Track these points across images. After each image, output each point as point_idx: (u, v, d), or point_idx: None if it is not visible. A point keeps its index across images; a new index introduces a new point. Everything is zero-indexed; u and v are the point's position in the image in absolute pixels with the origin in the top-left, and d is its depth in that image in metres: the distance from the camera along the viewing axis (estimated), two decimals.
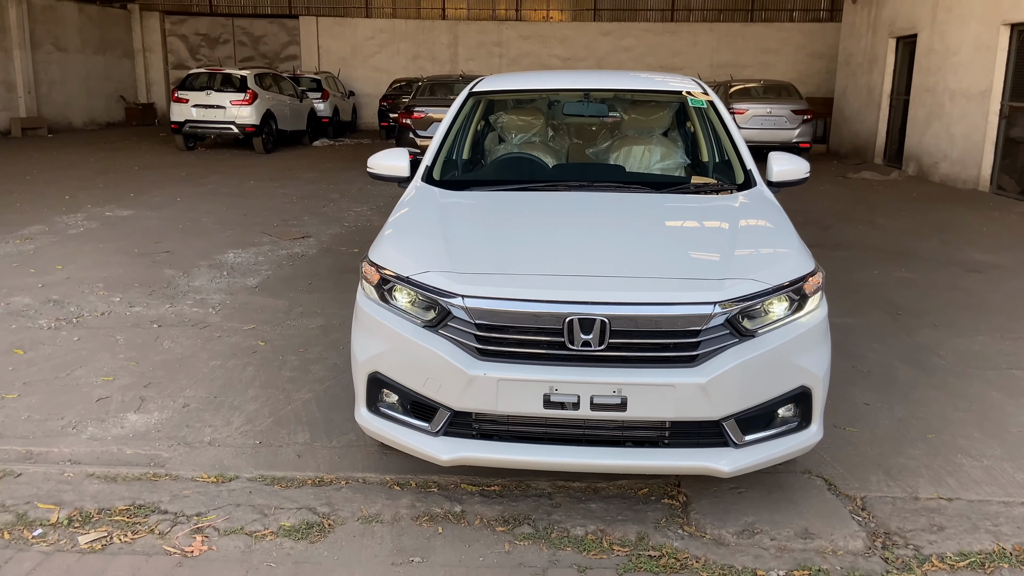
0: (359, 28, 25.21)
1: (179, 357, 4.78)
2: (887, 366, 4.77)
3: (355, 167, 14.49)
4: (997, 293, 6.48)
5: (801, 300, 2.93)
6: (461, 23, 25.00)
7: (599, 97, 4.62)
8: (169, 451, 3.60)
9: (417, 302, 2.94)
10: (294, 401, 4.16)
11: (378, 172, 4.07)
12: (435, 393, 2.87)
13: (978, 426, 3.94)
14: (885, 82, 15.80)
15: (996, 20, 11.52)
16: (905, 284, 6.75)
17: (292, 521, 3.05)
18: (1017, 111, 11.28)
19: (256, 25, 25.87)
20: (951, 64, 12.90)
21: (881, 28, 15.98)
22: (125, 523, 3.01)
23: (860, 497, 3.26)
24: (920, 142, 13.96)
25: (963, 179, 12.44)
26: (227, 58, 25.36)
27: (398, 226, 3.41)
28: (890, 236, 8.84)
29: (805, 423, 2.97)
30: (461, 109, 4.36)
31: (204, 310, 5.72)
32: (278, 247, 7.82)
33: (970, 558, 2.84)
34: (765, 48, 24.04)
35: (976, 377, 4.62)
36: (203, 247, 7.73)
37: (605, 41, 24.55)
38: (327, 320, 5.51)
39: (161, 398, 4.18)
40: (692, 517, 3.09)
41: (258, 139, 16.31)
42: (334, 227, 8.90)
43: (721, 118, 4.21)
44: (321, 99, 20.39)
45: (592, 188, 3.81)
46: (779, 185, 3.89)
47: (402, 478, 3.37)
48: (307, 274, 6.82)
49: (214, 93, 16.20)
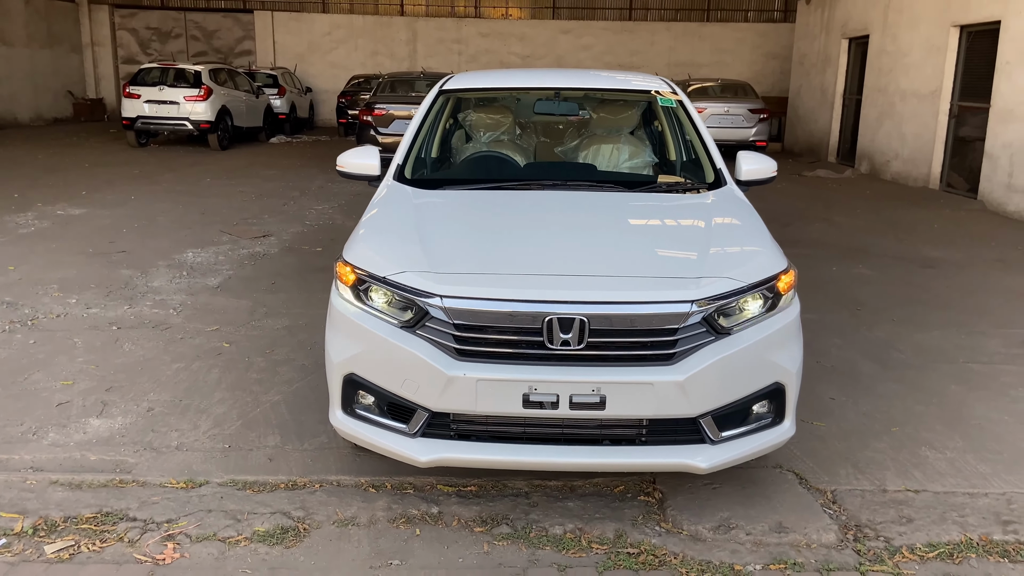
0: (316, 23, 24.90)
1: (141, 360, 4.66)
2: (850, 361, 4.87)
3: (314, 164, 14.32)
4: (951, 288, 6.66)
5: (775, 298, 2.97)
6: (420, 19, 24.86)
7: (570, 96, 4.63)
8: (135, 456, 3.51)
9: (394, 302, 2.91)
10: (263, 403, 4.09)
11: (348, 171, 4.01)
12: (413, 394, 2.84)
13: (940, 419, 4.05)
14: (838, 82, 16.13)
15: (946, 22, 11.83)
16: (863, 280, 6.89)
17: (266, 526, 3.00)
18: (966, 111, 11.61)
19: (209, 19, 25.37)
20: (902, 65, 13.21)
21: (834, 29, 16.30)
22: (93, 531, 2.93)
23: (830, 491, 3.32)
24: (872, 141, 14.28)
25: (914, 177, 12.76)
26: (179, 53, 24.84)
27: (372, 226, 3.37)
28: (846, 233, 9.03)
29: (779, 419, 3.01)
30: (432, 107, 4.33)
31: (165, 311, 5.60)
32: (239, 246, 7.68)
33: (939, 549, 2.91)
34: (721, 48, 24.36)
35: (935, 371, 4.73)
36: (160, 246, 7.56)
37: (564, 39, 24.63)
38: (292, 321, 5.43)
39: (124, 402, 4.07)
40: (669, 513, 3.11)
41: (213, 136, 16.01)
42: (295, 225, 8.77)
43: (691, 117, 4.25)
44: (278, 95, 20.09)
45: (565, 187, 3.81)
46: (748, 184, 3.94)
47: (377, 480, 3.33)
48: (270, 274, 6.71)
49: (167, 88, 15.86)
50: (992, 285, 6.78)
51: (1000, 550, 2.91)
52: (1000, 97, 10.41)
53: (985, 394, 4.38)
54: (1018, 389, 4.45)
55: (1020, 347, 5.17)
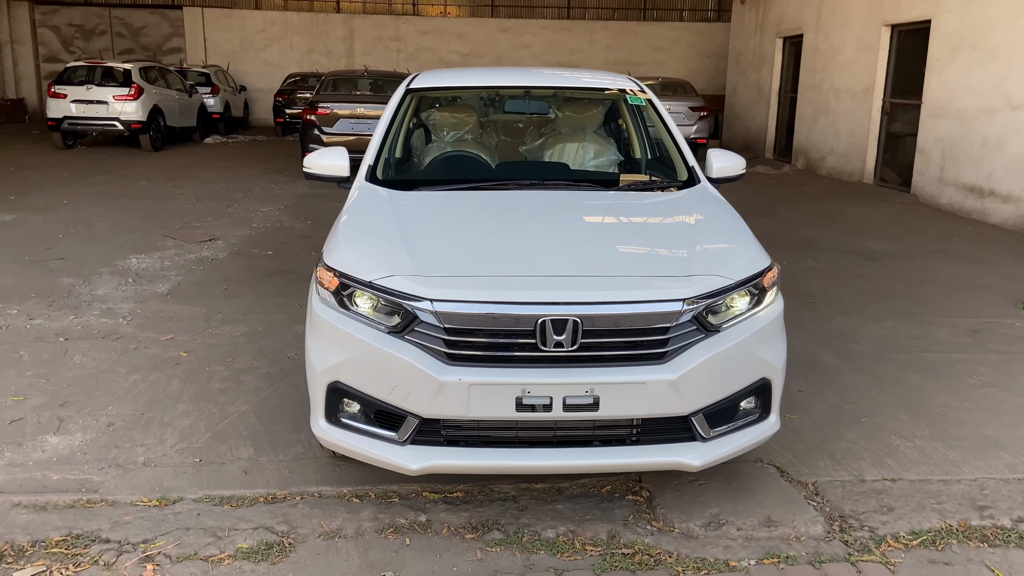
0: (249, 20, 24.30)
1: (94, 372, 4.45)
2: (811, 353, 4.97)
3: (255, 165, 13.97)
4: (896, 280, 6.87)
5: (760, 294, 3.00)
6: (357, 16, 24.51)
7: (540, 95, 4.60)
8: (100, 474, 3.34)
9: (380, 307, 2.83)
10: (230, 414, 3.95)
11: (316, 172, 3.89)
12: (403, 401, 2.77)
13: (904, 408, 4.16)
14: (774, 80, 16.52)
15: (877, 21, 12.22)
16: (813, 273, 7.06)
17: (249, 542, 2.89)
18: (898, 107, 12.02)
19: (136, 15, 24.52)
20: (836, 63, 13.61)
21: (769, 28, 16.69)
22: (64, 555, 2.77)
23: (812, 483, 3.38)
24: (808, 137, 14.67)
25: (849, 172, 13.16)
26: (104, 50, 23.90)
27: (352, 229, 3.28)
28: (792, 227, 9.25)
29: (765, 414, 3.04)
30: (400, 106, 4.24)
31: (114, 320, 5.36)
32: (184, 251, 7.42)
33: (921, 536, 2.98)
34: (658, 46, 24.71)
35: (893, 361, 4.87)
36: (101, 252, 7.25)
37: (503, 38, 24.62)
38: (251, 327, 5.26)
39: (81, 417, 3.88)
40: (659, 512, 3.12)
41: (145, 136, 15.46)
42: (242, 228, 8.53)
43: (660, 116, 4.26)
44: (211, 94, 19.54)
45: (543, 186, 3.78)
46: (719, 181, 3.98)
47: (360, 489, 3.25)
48: (221, 279, 6.50)
49: (95, 87, 15.24)
50: (935, 276, 7.03)
51: (979, 535, 3.00)
52: (931, 93, 10.81)
53: (943, 383, 4.52)
54: (973, 377, 4.61)
55: (968, 336, 5.37)
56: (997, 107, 9.48)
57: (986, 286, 6.67)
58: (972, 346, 5.17)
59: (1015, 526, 3.06)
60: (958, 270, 7.24)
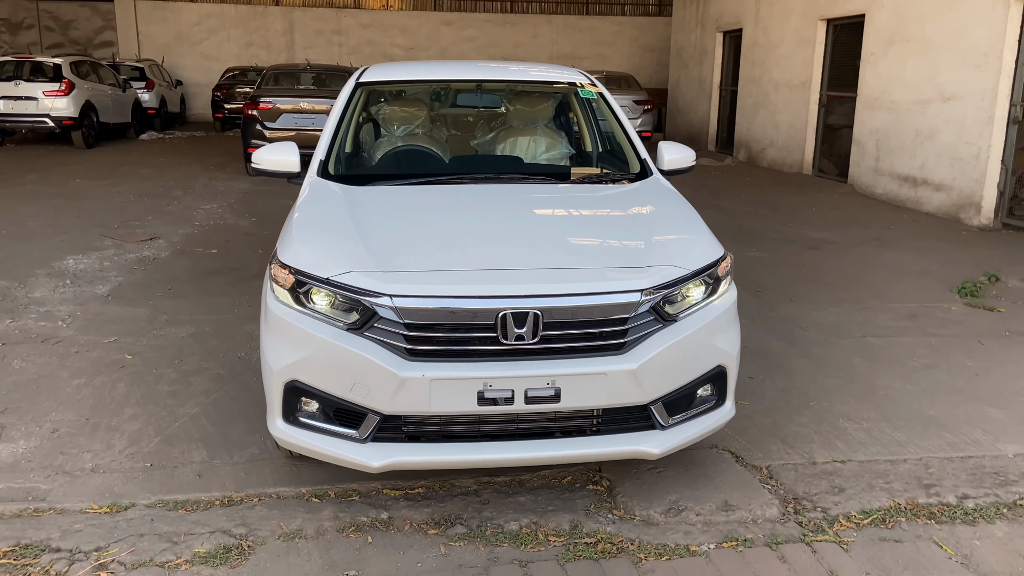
0: (183, 13, 23.68)
1: (35, 378, 4.30)
2: (760, 340, 5.08)
3: (194, 161, 13.64)
4: (837, 268, 7.07)
5: (715, 284, 3.05)
6: (296, 9, 24.09)
7: (491, 88, 4.58)
8: (47, 482, 3.23)
9: (337, 304, 2.80)
10: (180, 417, 3.85)
11: (265, 167, 3.81)
12: (363, 398, 2.74)
13: (850, 392, 4.29)
14: (715, 74, 16.80)
15: (814, 15, 12.52)
16: (758, 263, 7.21)
17: (207, 547, 2.82)
18: (834, 100, 12.34)
19: (64, 8, 23.70)
20: (774, 57, 13.90)
21: (709, 23, 16.96)
22: (13, 566, 2.67)
23: (765, 466, 3.46)
24: (749, 130, 14.97)
25: (789, 163, 13.47)
26: (32, 45, 23.06)
27: (306, 225, 3.23)
28: (735, 218, 9.43)
29: (721, 401, 3.10)
30: (350, 100, 4.18)
31: (53, 323, 5.18)
32: (124, 251, 7.21)
33: (872, 515, 3.08)
34: (601, 40, 24.90)
35: (837, 346, 5.01)
36: (35, 254, 6.99)
37: (447, 31, 24.50)
38: (198, 327, 5.14)
39: (24, 424, 3.74)
40: (619, 501, 3.15)
41: (77, 133, 14.95)
42: (184, 227, 8.32)
43: (612, 109, 4.29)
44: (146, 89, 19.00)
45: (498, 180, 3.77)
46: (670, 173, 4.03)
47: (319, 489, 3.21)
48: (164, 279, 6.33)
49: (24, 83, 14.67)
50: (873, 263, 7.25)
51: (926, 512, 3.11)
52: (866, 86, 11.13)
53: (885, 366, 4.67)
54: (914, 359, 4.78)
55: (907, 320, 5.56)
56: (929, 99, 9.80)
57: (923, 272, 6.90)
58: (911, 330, 5.35)
59: (960, 503, 3.18)
60: (896, 257, 7.48)
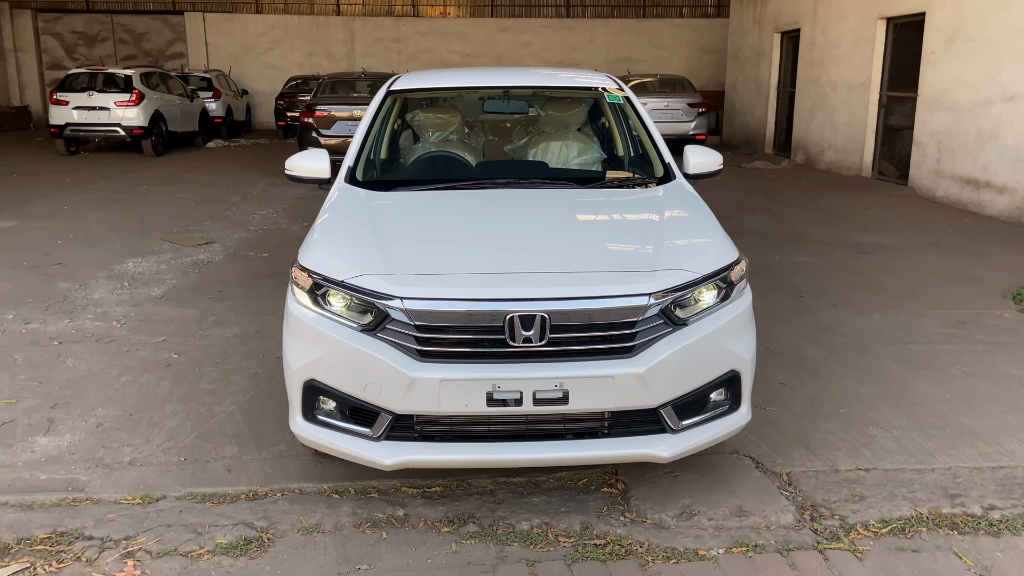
0: (249, 24, 24.44)
1: (86, 375, 4.53)
2: (796, 346, 5.01)
3: (255, 168, 14.07)
4: (887, 273, 6.89)
5: (728, 288, 3.04)
6: (357, 19, 24.61)
7: (518, 94, 4.65)
8: (87, 474, 3.41)
9: (353, 306, 2.89)
10: (217, 414, 4.02)
11: (297, 174, 3.96)
12: (376, 397, 2.83)
13: (884, 399, 4.19)
14: (772, 75, 16.52)
15: (873, 14, 12.22)
16: (804, 267, 7.09)
17: (229, 538, 2.95)
18: (895, 100, 12.01)
19: (137, 22, 24.70)
20: (832, 57, 13.60)
21: (766, 24, 16.69)
22: (48, 552, 2.84)
23: (786, 473, 3.42)
24: (806, 132, 14.67)
25: (847, 166, 13.16)
26: (107, 57, 24.10)
27: (327, 229, 3.34)
28: (785, 222, 9.27)
29: (735, 405, 3.09)
30: (380, 108, 4.30)
31: (107, 324, 5.44)
32: (181, 254, 7.51)
33: (891, 524, 3.02)
34: (658, 43, 24.72)
35: (876, 352, 4.90)
36: (98, 257, 7.34)
37: (504, 37, 24.68)
38: (242, 328, 5.34)
39: (71, 419, 3.95)
40: (632, 504, 3.16)
41: (147, 141, 15.59)
42: (239, 231, 8.61)
43: (638, 113, 4.31)
44: (213, 98, 19.68)
45: (519, 185, 3.83)
46: (696, 177, 4.02)
47: (340, 486, 3.31)
48: (215, 281, 6.58)
49: (97, 94, 15.39)
50: (926, 268, 7.05)
51: (949, 523, 3.03)
52: (927, 86, 10.80)
53: (925, 373, 4.55)
54: (956, 367, 4.64)
55: (956, 327, 5.39)
56: (991, 99, 9.47)
57: (977, 277, 6.68)
58: (959, 337, 5.19)
59: (985, 513, 3.09)
60: (951, 262, 7.25)
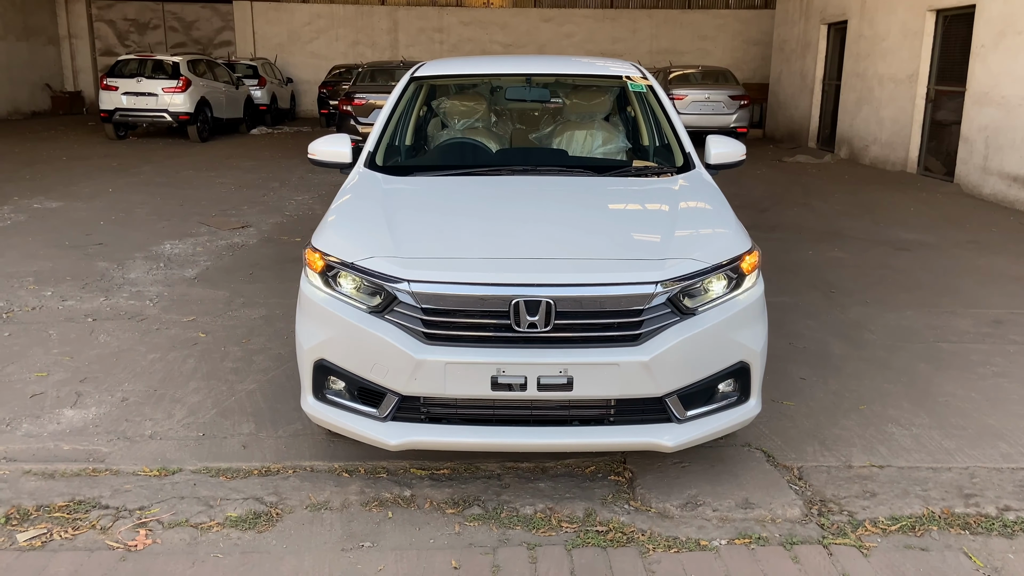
0: (296, 13, 24.73)
1: (116, 351, 4.66)
2: (822, 342, 4.93)
3: (295, 155, 14.26)
4: (924, 271, 6.74)
5: (739, 278, 3.01)
6: (401, 8, 24.73)
7: (541, 82, 4.64)
8: (108, 446, 3.52)
9: (362, 288, 2.93)
10: (238, 392, 4.10)
11: (319, 158, 4.02)
12: (383, 378, 2.87)
13: (907, 397, 4.11)
14: (817, 68, 16.20)
15: (922, 6, 11.90)
16: (838, 263, 6.96)
17: (239, 511, 3.02)
18: (943, 95, 11.69)
19: (187, 10, 25.17)
20: (880, 50, 13.29)
21: (813, 15, 16.36)
22: (65, 519, 2.94)
23: (797, 467, 3.38)
24: (851, 126, 14.37)
25: (892, 161, 12.86)
26: (158, 44, 24.63)
27: (341, 212, 3.39)
28: (824, 217, 9.10)
29: (744, 397, 3.06)
30: (403, 94, 4.33)
31: (141, 302, 5.59)
32: (217, 237, 7.66)
33: (901, 522, 2.97)
34: (702, 35, 24.39)
35: (905, 351, 4.80)
36: (138, 238, 7.53)
37: (546, 27, 24.59)
38: (269, 310, 5.44)
39: (98, 393, 4.07)
40: (638, 492, 3.16)
41: (193, 127, 15.91)
42: (275, 216, 8.76)
43: (660, 102, 4.27)
44: (258, 86, 19.98)
45: (535, 172, 3.83)
46: (717, 167, 3.98)
47: (351, 465, 3.36)
48: (248, 264, 6.70)
49: (145, 80, 15.74)
50: (964, 266, 6.87)
51: (961, 522, 2.97)
52: (975, 81, 10.50)
53: (953, 372, 4.45)
54: (986, 367, 4.53)
55: (990, 326, 5.25)
56: None
57: (1017, 277, 6.49)
58: (992, 337, 5.06)
59: (1000, 514, 3.02)
60: (991, 260, 7.06)
